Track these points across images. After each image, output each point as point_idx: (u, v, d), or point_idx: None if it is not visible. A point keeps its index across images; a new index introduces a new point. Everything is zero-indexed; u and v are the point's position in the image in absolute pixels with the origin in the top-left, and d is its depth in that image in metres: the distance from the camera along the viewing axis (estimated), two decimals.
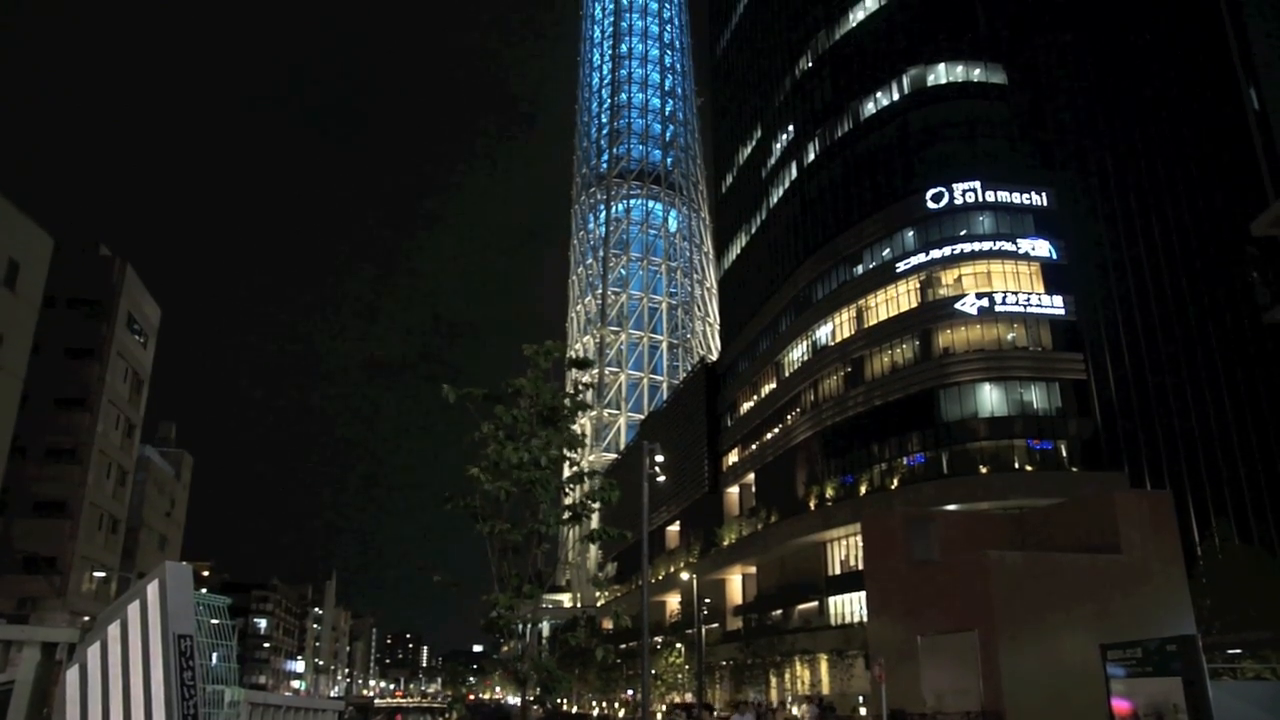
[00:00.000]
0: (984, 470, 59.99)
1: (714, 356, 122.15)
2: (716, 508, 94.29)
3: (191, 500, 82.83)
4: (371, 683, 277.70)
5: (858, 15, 79.95)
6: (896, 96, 73.82)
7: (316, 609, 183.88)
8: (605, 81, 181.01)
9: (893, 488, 64.21)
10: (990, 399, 62.31)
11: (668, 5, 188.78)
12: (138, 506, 65.55)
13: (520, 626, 10.60)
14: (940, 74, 72.35)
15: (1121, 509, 27.88)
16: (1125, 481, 56.95)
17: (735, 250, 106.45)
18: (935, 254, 66.34)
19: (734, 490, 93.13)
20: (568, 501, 11.14)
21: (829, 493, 70.25)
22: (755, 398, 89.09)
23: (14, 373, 46.68)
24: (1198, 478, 59.80)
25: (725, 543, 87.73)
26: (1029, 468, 59.54)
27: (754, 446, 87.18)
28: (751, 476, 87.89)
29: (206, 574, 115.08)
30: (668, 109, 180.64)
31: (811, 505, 72.07)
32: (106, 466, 58.28)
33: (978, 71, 71.59)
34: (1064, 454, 60.11)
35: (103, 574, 57.91)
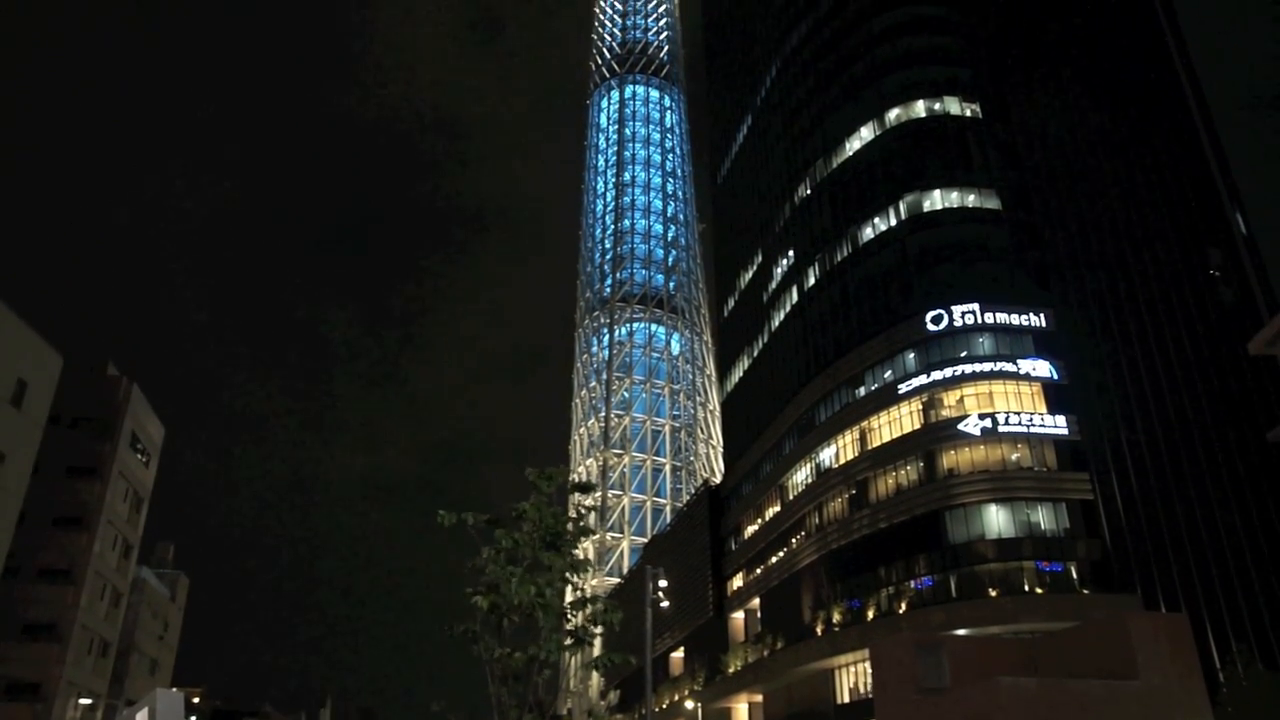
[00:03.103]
0: (993, 593, 58.83)
1: (717, 479, 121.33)
2: (721, 633, 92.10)
3: (186, 622, 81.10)
4: None
5: (854, 145, 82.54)
6: (894, 222, 75.51)
7: None
8: (609, 208, 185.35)
9: (901, 612, 62.83)
10: (997, 520, 61.62)
11: (670, 135, 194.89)
12: (130, 629, 64.21)
13: None
14: (936, 200, 74.22)
15: (1136, 633, 27.18)
16: (1139, 604, 55.78)
17: (738, 373, 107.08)
18: (937, 375, 66.71)
19: (739, 615, 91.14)
20: (569, 627, 10.94)
21: (836, 618, 68.71)
22: (759, 520, 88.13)
23: (14, 492, 46.43)
24: (1214, 599, 58.46)
25: (730, 669, 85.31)
26: (1039, 590, 58.35)
27: (759, 570, 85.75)
28: (756, 601, 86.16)
29: (197, 700, 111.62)
30: (670, 235, 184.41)
31: (818, 630, 70.40)
32: (101, 588, 57.35)
33: (972, 197, 73.42)
34: (1074, 576, 59.00)
35: (89, 700, 56.25)
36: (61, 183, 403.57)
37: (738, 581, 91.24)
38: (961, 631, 57.84)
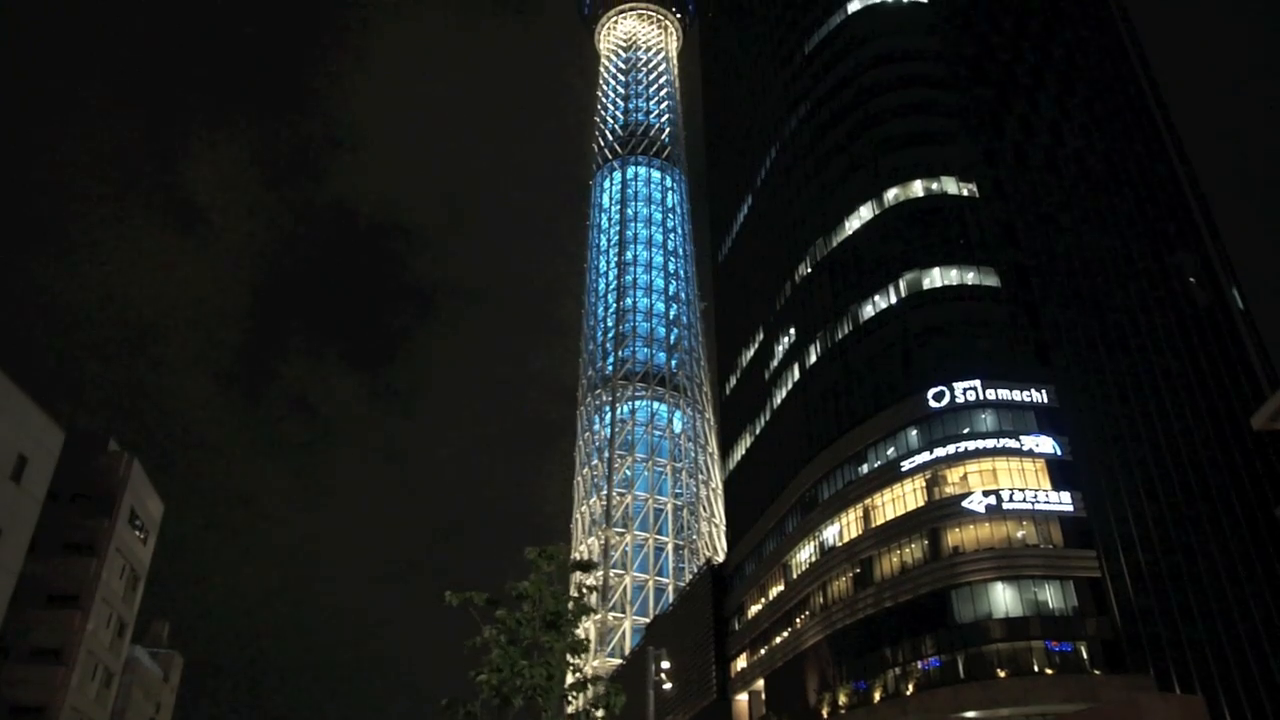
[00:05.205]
0: (1002, 674, 57.62)
1: (720, 558, 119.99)
2: (725, 716, 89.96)
3: (179, 703, 79.40)
4: None
5: (853, 224, 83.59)
6: (894, 300, 76.01)
7: None
8: (611, 286, 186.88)
9: (908, 694, 61.54)
10: (1004, 599, 60.68)
11: (671, 215, 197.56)
12: (121, 711, 62.83)
13: None
14: (935, 278, 74.85)
15: (1150, 716, 26.75)
16: (1152, 685, 54.51)
17: (740, 451, 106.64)
18: (939, 452, 66.42)
19: (743, 697, 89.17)
20: (570, 710, 10.80)
21: (842, 700, 67.27)
22: (763, 600, 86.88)
23: (10, 569, 45.98)
24: (1230, 681, 57.06)
25: None
26: (1049, 671, 57.15)
27: (762, 651, 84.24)
28: (761, 682, 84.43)
29: None
30: (672, 313, 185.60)
31: (824, 713, 68.85)
32: (93, 668, 56.29)
33: (971, 275, 74.09)
34: (1084, 656, 57.82)
35: None
36: (58, 247, 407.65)
37: (741, 662, 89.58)
38: (970, 714, 56.71)
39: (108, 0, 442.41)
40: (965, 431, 66.39)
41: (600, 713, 11.08)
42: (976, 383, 67.22)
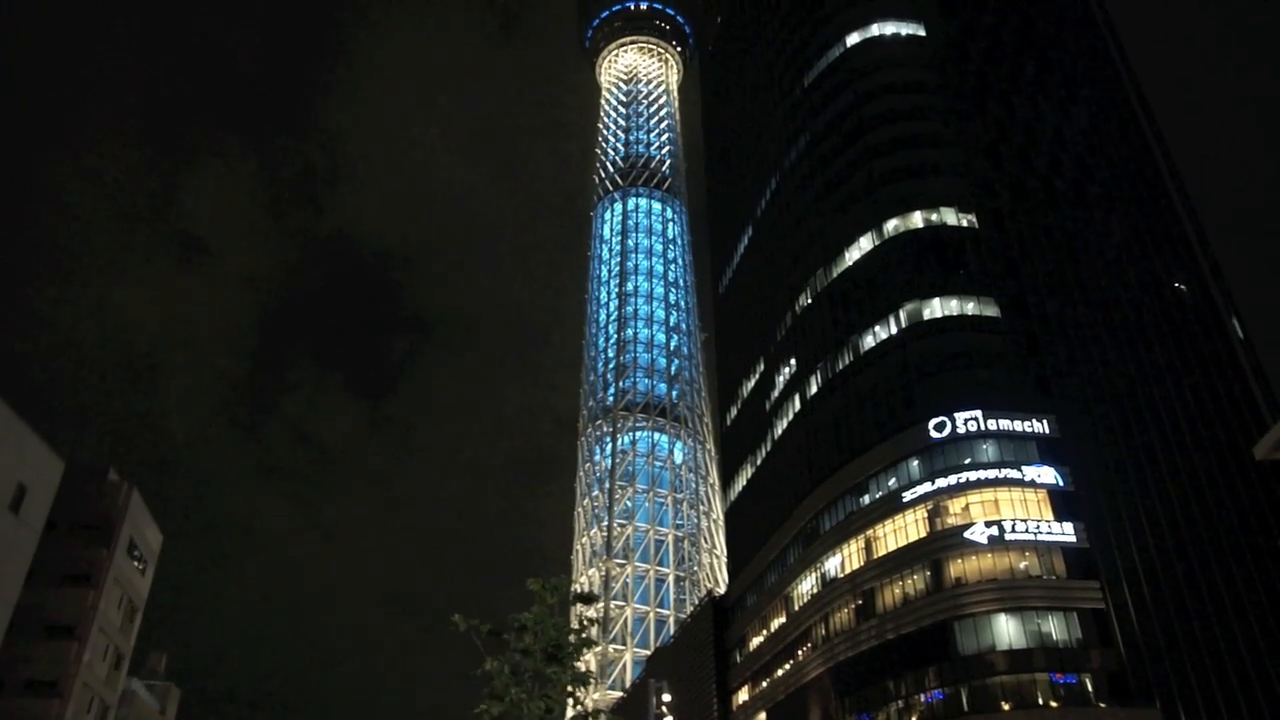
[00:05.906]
0: (1006, 707, 57.08)
1: (721, 589, 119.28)
2: None
3: None
4: None
5: (853, 255, 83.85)
6: (894, 330, 76.07)
7: None
8: (612, 317, 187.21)
9: None
10: (1007, 630, 60.24)
11: (672, 246, 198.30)
12: None
13: None
14: (935, 308, 74.94)
15: None
16: (1159, 717, 54.04)
17: (741, 482, 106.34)
18: (941, 483, 66.18)
19: None
20: None
21: None
22: (764, 632, 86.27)
23: (7, 600, 45.70)
24: (1237, 712, 56.51)
25: None
26: (1054, 704, 56.59)
27: (764, 683, 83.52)
28: (763, 715, 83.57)
29: None
30: (672, 344, 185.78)
31: None
32: (88, 701, 55.78)
33: (971, 305, 74.20)
34: (1089, 688, 57.29)
35: None
36: (58, 275, 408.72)
37: (743, 695, 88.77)
38: None
39: (109, 29, 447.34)
40: (967, 462, 66.20)
41: None
42: (978, 413, 67.11)
